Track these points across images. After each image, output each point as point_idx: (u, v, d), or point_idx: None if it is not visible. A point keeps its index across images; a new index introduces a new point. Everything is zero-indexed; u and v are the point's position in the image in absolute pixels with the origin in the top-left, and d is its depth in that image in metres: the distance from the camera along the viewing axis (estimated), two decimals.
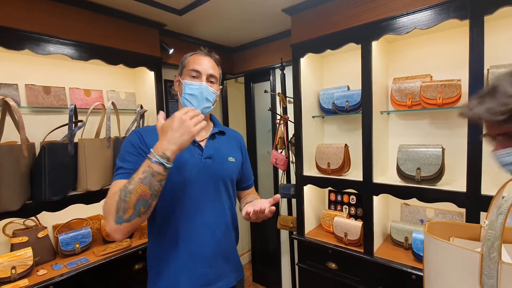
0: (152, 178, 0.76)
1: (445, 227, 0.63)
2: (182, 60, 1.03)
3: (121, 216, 0.75)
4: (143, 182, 0.75)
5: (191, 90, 0.96)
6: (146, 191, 0.76)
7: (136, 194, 0.75)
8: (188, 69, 0.98)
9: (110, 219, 0.76)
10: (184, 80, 0.97)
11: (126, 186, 0.76)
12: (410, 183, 1.44)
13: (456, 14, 1.24)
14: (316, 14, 1.69)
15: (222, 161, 1.03)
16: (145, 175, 0.76)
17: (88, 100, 1.81)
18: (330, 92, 1.85)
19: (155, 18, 1.86)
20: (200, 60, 0.99)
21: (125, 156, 0.90)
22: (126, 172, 0.85)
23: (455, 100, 1.38)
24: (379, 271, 1.51)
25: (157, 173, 0.76)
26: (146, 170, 0.76)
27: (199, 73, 0.97)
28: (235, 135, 1.19)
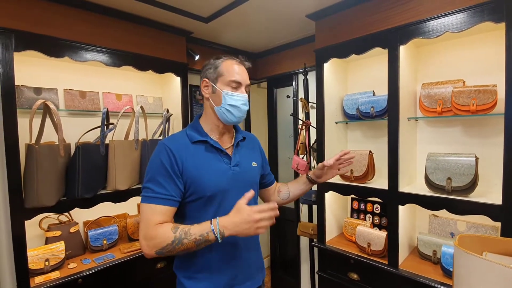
0: (203, 243, 0.84)
1: (477, 240, 0.59)
2: (215, 64, 1.00)
3: (163, 252, 0.85)
4: (196, 242, 0.83)
5: (234, 101, 0.97)
6: (193, 247, 0.85)
7: (186, 247, 0.84)
8: (228, 79, 0.97)
9: (152, 248, 0.85)
10: (225, 90, 0.97)
11: (181, 237, 0.83)
12: (439, 193, 1.37)
13: (490, 17, 1.17)
14: (341, 19, 1.68)
15: (248, 167, 1.06)
16: (200, 239, 0.83)
17: (119, 104, 1.91)
18: (355, 98, 1.81)
19: (182, 26, 1.94)
20: (239, 70, 0.99)
21: (159, 179, 0.90)
22: (162, 198, 0.88)
23: (490, 106, 1.30)
24: (404, 285, 1.44)
25: (209, 241, 0.84)
26: (204, 235, 0.83)
27: (240, 84, 0.99)
28: (253, 138, 1.21)
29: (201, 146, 0.98)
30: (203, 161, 0.96)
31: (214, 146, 1.00)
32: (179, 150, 0.93)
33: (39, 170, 1.38)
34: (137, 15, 1.74)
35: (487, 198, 1.26)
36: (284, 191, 1.22)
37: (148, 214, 0.87)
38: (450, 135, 1.56)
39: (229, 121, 1.01)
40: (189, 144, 0.97)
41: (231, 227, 0.83)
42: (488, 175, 1.40)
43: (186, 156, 0.93)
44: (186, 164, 0.92)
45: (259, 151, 1.19)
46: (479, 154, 1.36)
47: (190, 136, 0.99)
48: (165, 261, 1.81)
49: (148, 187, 0.90)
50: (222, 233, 0.83)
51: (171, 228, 0.85)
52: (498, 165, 1.20)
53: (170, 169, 0.90)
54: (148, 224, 0.86)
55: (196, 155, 0.96)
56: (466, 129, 1.51)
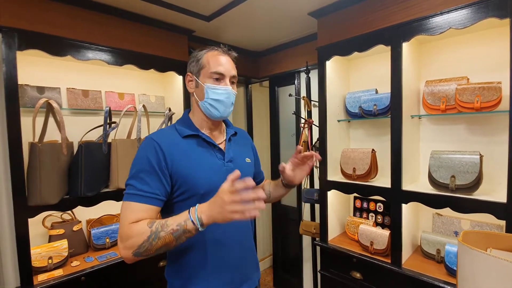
0: (183, 234, 0.76)
1: (481, 237, 0.58)
2: (197, 57, 0.94)
3: (141, 252, 0.76)
4: (174, 234, 0.75)
5: (216, 95, 0.91)
6: (173, 241, 0.76)
7: (163, 241, 0.75)
8: (210, 71, 0.91)
9: (128, 249, 0.76)
10: (207, 83, 0.91)
11: (157, 230, 0.75)
12: (443, 191, 1.36)
13: (495, 12, 1.16)
14: (343, 17, 1.67)
15: (242, 163, 1.02)
16: (178, 229, 0.75)
17: (122, 103, 1.91)
18: (357, 96, 1.80)
19: (184, 25, 1.94)
20: (221, 61, 0.92)
21: (143, 176, 0.82)
22: (144, 196, 0.80)
23: (494, 104, 1.29)
24: (408, 284, 1.43)
25: (188, 231, 0.75)
26: (181, 224, 0.75)
27: (223, 76, 0.92)
28: (244, 134, 1.16)
29: (193, 141, 0.92)
30: (195, 157, 0.90)
31: (207, 141, 0.94)
32: (169, 146, 0.86)
33: (42, 169, 1.39)
34: (139, 13, 1.74)
35: (492, 196, 1.24)
36: (266, 189, 1.16)
37: (126, 213, 0.79)
38: (454, 133, 1.55)
39: (214, 117, 0.95)
40: (180, 139, 0.91)
41: (206, 211, 0.74)
42: (493, 173, 1.38)
43: (176, 153, 0.87)
44: (176, 161, 0.86)
45: (251, 147, 1.15)
46: (483, 152, 1.35)
47: (180, 131, 0.93)
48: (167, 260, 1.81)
49: (130, 184, 0.82)
50: (200, 219, 0.74)
51: (147, 223, 0.77)
52: (502, 163, 1.19)
53: (157, 166, 0.83)
54: (124, 223, 0.78)
55: (188, 151, 0.89)
56: (470, 127, 1.50)
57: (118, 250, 0.81)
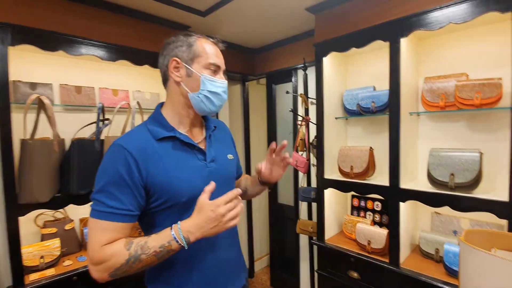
0: (166, 254, 0.71)
1: (485, 236, 0.55)
2: (188, 42, 0.84)
3: (119, 274, 0.71)
4: (157, 255, 0.70)
5: (215, 87, 0.84)
6: (155, 261, 0.72)
7: (145, 263, 0.71)
8: (208, 61, 0.83)
9: (103, 272, 0.71)
10: (205, 74, 0.83)
11: (137, 253, 0.70)
12: (442, 190, 1.33)
13: (496, 6, 1.13)
14: (341, 12, 1.64)
15: (224, 161, 0.94)
16: (161, 250, 0.70)
17: (116, 100, 1.88)
18: (355, 93, 1.77)
19: (179, 20, 1.90)
20: (217, 52, 0.87)
21: (112, 190, 0.72)
22: (115, 213, 0.72)
23: (495, 100, 1.26)
24: (406, 283, 1.40)
25: (172, 251, 0.71)
26: (164, 246, 0.70)
27: (219, 68, 0.86)
28: (223, 126, 1.07)
29: (169, 144, 0.82)
30: (174, 163, 0.80)
31: (185, 142, 0.84)
32: (143, 153, 0.76)
33: (33, 166, 1.36)
34: (133, 8, 1.71)
35: (492, 195, 1.22)
36: (242, 185, 1.10)
37: (96, 233, 0.72)
38: (453, 130, 1.52)
39: (207, 111, 0.86)
40: (154, 143, 0.80)
41: (195, 230, 0.70)
42: (493, 171, 1.35)
43: (151, 160, 0.77)
44: (152, 170, 0.76)
45: (231, 141, 1.06)
46: (483, 149, 1.32)
47: (153, 132, 0.81)
48: None
49: (97, 200, 0.73)
50: (187, 239, 0.70)
51: (124, 245, 0.71)
52: (503, 160, 1.16)
53: (129, 179, 0.73)
54: (94, 245, 0.71)
55: (164, 156, 0.79)
56: (469, 124, 1.47)
57: (90, 272, 0.73)
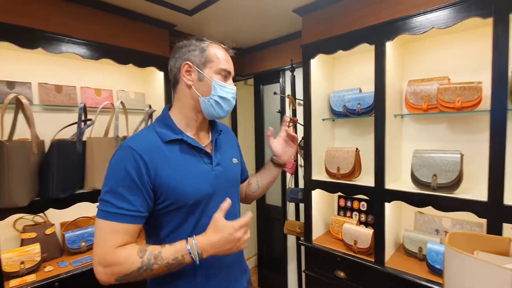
0: (178, 266, 0.73)
1: (468, 238, 0.57)
2: (201, 47, 0.85)
3: (126, 279, 0.72)
4: (168, 266, 0.72)
5: (225, 93, 0.85)
6: (164, 272, 0.73)
7: (156, 272, 0.72)
8: (219, 67, 0.85)
9: (110, 275, 0.71)
10: (216, 79, 0.84)
11: (150, 262, 0.70)
12: (425, 190, 1.37)
13: (478, 12, 1.17)
14: (328, 14, 1.65)
15: (230, 165, 0.95)
16: (174, 262, 0.72)
17: (98, 100, 1.82)
18: (341, 95, 1.79)
19: (165, 19, 1.86)
20: (228, 58, 0.88)
21: (122, 192, 0.73)
22: (125, 214, 0.72)
23: (475, 103, 1.30)
24: (390, 282, 1.43)
25: (184, 264, 0.73)
26: (178, 259, 0.72)
27: (229, 74, 0.88)
28: (228, 130, 1.09)
29: (176, 147, 0.83)
30: (181, 165, 0.81)
31: (192, 145, 0.85)
32: (151, 155, 0.77)
33: (10, 168, 1.30)
34: (117, 5, 1.66)
35: (473, 195, 1.26)
36: (253, 183, 1.10)
37: (106, 234, 0.71)
38: (435, 132, 1.57)
39: (215, 115, 0.88)
40: (162, 145, 0.81)
41: (210, 249, 0.73)
42: (473, 171, 1.40)
43: (160, 162, 0.78)
44: (160, 172, 0.77)
45: (236, 145, 1.08)
46: (464, 151, 1.36)
47: (161, 135, 0.82)
48: None
49: (106, 201, 0.73)
50: (200, 255, 0.72)
51: (137, 252, 0.71)
52: (483, 161, 1.20)
53: (138, 180, 0.74)
54: (107, 247, 0.71)
55: (172, 158, 0.80)
56: (451, 126, 1.51)
57: (94, 270, 0.73)
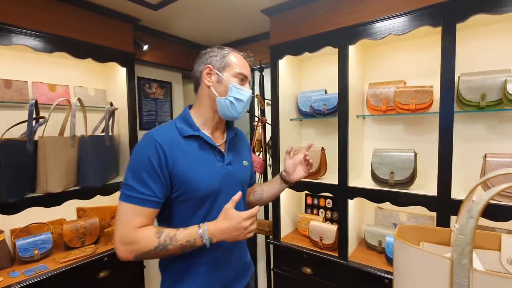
0: (189, 248, 0.81)
1: (415, 231, 0.62)
2: (222, 53, 0.94)
3: (143, 257, 0.80)
4: (181, 248, 0.80)
5: (240, 95, 0.93)
6: (178, 253, 0.81)
7: (170, 252, 0.80)
8: (237, 71, 0.93)
9: (130, 252, 0.79)
10: (233, 82, 0.92)
11: (166, 243, 0.78)
12: (383, 187, 1.45)
13: (429, 21, 1.26)
14: (295, 16, 1.68)
15: (240, 166, 1.02)
16: (187, 244, 0.80)
17: (53, 96, 1.69)
18: (308, 95, 1.84)
19: (128, 12, 1.78)
20: (245, 64, 0.97)
21: (144, 177, 0.81)
22: (146, 199, 0.81)
23: (427, 106, 1.41)
24: (353, 275, 1.50)
25: (195, 247, 0.81)
26: (190, 241, 0.80)
27: (246, 79, 0.96)
28: (242, 135, 1.16)
29: (194, 143, 0.90)
30: (196, 160, 0.88)
31: (208, 143, 0.92)
32: (170, 147, 0.85)
33: None
34: None
35: (424, 190, 1.36)
36: (258, 191, 1.18)
37: (128, 216, 0.80)
38: (393, 132, 1.67)
39: (230, 115, 0.94)
40: (180, 139, 0.88)
41: (219, 234, 0.81)
42: (426, 169, 1.51)
43: (177, 154, 0.85)
44: (177, 163, 0.84)
45: (248, 149, 1.15)
46: (418, 150, 1.47)
47: (180, 130, 0.90)
48: (109, 270, 1.66)
49: (130, 185, 0.81)
50: (210, 240, 0.80)
51: (155, 233, 0.79)
52: (434, 159, 1.30)
53: (158, 167, 0.82)
54: (128, 227, 0.79)
55: (189, 152, 0.88)
56: (407, 127, 1.62)
57: (115, 248, 0.81)
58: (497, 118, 1.36)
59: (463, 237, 0.43)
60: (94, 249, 1.66)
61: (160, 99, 2.28)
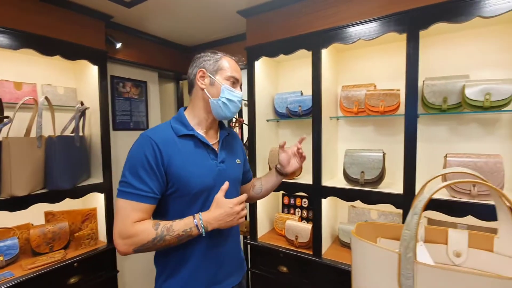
0: (186, 238, 0.85)
1: (373, 228, 0.65)
2: (215, 57, 0.99)
3: (142, 249, 0.83)
4: (178, 238, 0.84)
5: (232, 96, 0.97)
6: (175, 243, 0.85)
7: (168, 243, 0.83)
8: (228, 74, 0.98)
9: (129, 246, 0.82)
10: (225, 84, 0.97)
11: (163, 234, 0.82)
12: (355, 186, 1.50)
13: (395, 28, 1.33)
14: (271, 19, 1.71)
15: (233, 164, 1.06)
16: (183, 234, 0.84)
17: (19, 94, 1.61)
18: (284, 97, 1.87)
19: (100, 9, 1.73)
20: (237, 68, 1.02)
21: (141, 174, 0.85)
22: (142, 195, 0.84)
23: (394, 108, 1.48)
24: (327, 272, 1.55)
25: (192, 236, 0.85)
26: (187, 231, 0.84)
27: (238, 82, 1.01)
28: (235, 135, 1.21)
29: (188, 141, 0.95)
30: (190, 158, 0.93)
31: (202, 141, 0.97)
32: (165, 145, 0.89)
33: None
34: None
35: (392, 189, 1.43)
36: (257, 185, 1.24)
37: (126, 211, 0.83)
38: (365, 133, 1.74)
39: (223, 115, 0.99)
40: (176, 138, 0.93)
41: (213, 222, 0.86)
42: (393, 168, 1.59)
43: (172, 152, 0.89)
44: (172, 161, 0.88)
45: (241, 148, 1.19)
46: (386, 150, 1.54)
47: (175, 129, 0.95)
48: (79, 275, 1.61)
49: (127, 182, 0.85)
50: (206, 228, 0.85)
51: (152, 225, 0.83)
52: (400, 159, 1.36)
53: (155, 165, 0.86)
54: (126, 222, 0.83)
55: (183, 151, 0.92)
56: (377, 128, 1.69)
57: (115, 244, 0.84)
58: (457, 120, 1.45)
59: (408, 232, 0.47)
60: (64, 255, 1.60)
61: (134, 99, 2.23)
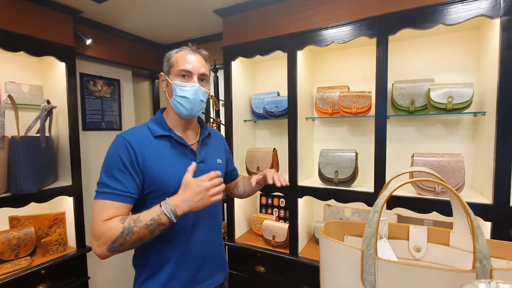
0: (157, 227, 0.80)
1: (341, 226, 0.67)
2: (168, 57, 0.97)
3: (116, 247, 0.79)
4: (148, 228, 0.79)
5: (183, 92, 0.93)
6: (147, 235, 0.80)
7: (138, 236, 0.79)
8: (177, 68, 0.93)
9: (102, 246, 0.79)
10: (174, 81, 0.93)
11: (130, 226, 0.78)
12: (329, 185, 1.54)
13: (366, 32, 1.38)
14: (247, 19, 1.71)
15: (213, 164, 1.05)
16: (152, 223, 0.79)
17: None
18: (261, 97, 1.88)
19: (69, 3, 1.64)
20: (189, 58, 0.94)
21: (116, 174, 0.84)
22: (118, 194, 0.82)
23: (366, 109, 1.53)
24: (303, 271, 1.57)
25: (162, 224, 0.80)
26: (154, 219, 0.79)
27: (190, 73, 0.94)
28: (218, 135, 1.21)
29: (165, 142, 0.94)
30: (167, 158, 0.91)
31: (179, 142, 0.95)
32: (140, 146, 0.88)
33: None
34: None
35: (364, 187, 1.48)
36: (241, 187, 1.25)
37: (99, 211, 0.81)
38: (339, 134, 1.78)
39: (182, 114, 0.96)
40: (152, 139, 0.92)
41: (182, 204, 0.81)
42: (365, 167, 1.65)
43: (148, 153, 0.88)
44: (147, 162, 0.88)
45: (224, 148, 1.19)
46: (359, 150, 1.59)
47: (152, 130, 0.94)
48: (47, 283, 1.52)
49: (103, 183, 0.84)
50: (175, 212, 0.80)
51: (119, 220, 0.80)
52: (371, 159, 1.42)
53: (129, 165, 0.85)
54: (97, 222, 0.80)
55: (159, 151, 0.91)
56: (350, 129, 1.75)
57: (92, 248, 0.82)
58: (424, 121, 1.53)
59: (369, 229, 0.49)
60: (30, 262, 1.51)
61: (107, 98, 2.14)
